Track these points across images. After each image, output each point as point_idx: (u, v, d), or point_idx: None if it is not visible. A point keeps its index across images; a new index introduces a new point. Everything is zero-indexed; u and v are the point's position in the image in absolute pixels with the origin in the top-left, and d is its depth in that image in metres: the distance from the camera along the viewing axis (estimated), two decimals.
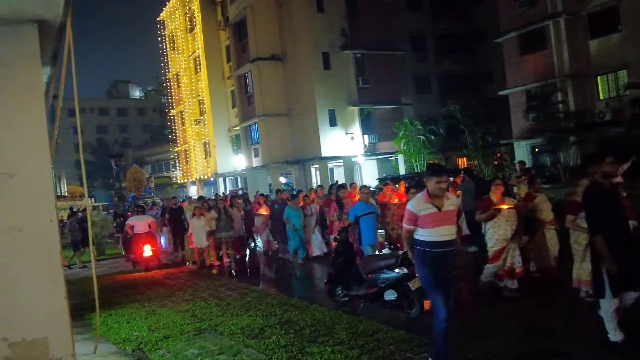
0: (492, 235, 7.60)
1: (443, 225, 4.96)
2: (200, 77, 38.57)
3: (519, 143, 26.90)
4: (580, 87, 24.30)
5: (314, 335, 6.26)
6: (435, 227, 4.94)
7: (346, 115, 30.13)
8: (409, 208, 5.10)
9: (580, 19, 24.29)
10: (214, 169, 38.02)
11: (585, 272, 6.50)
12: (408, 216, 5.08)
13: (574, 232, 6.79)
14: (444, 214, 4.97)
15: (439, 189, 4.98)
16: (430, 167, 5.58)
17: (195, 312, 8.20)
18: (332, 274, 8.13)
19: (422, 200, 5.03)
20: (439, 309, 4.91)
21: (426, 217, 4.95)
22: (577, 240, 6.77)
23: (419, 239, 5.06)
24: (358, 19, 30.47)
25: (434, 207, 4.95)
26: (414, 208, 5.03)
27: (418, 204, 5.02)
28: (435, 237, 4.96)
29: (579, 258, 6.76)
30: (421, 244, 5.05)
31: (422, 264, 5.07)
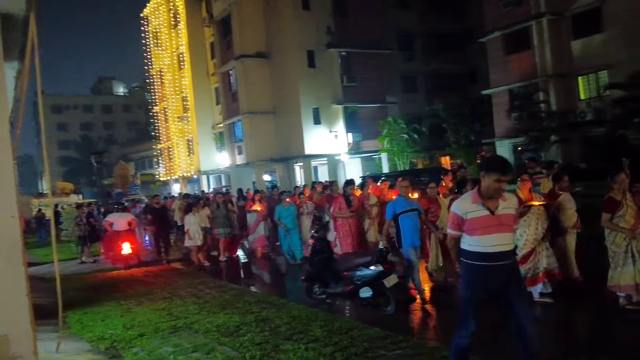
0: (521, 235, 6.85)
1: (496, 232, 4.04)
2: (184, 73, 38.31)
3: (501, 142, 27.12)
4: (562, 87, 24.55)
5: (289, 333, 6.23)
6: (485, 234, 4.05)
7: (331, 114, 30.13)
8: (452, 209, 4.26)
9: (563, 20, 24.54)
10: (197, 166, 37.81)
11: (628, 276, 6.11)
12: (452, 219, 4.25)
13: (611, 233, 6.29)
14: (497, 219, 4.06)
15: (496, 189, 4.02)
16: (491, 161, 4.36)
17: (172, 310, 8.12)
18: (310, 272, 8.11)
19: (470, 201, 4.15)
20: (465, 321, 4.21)
21: (474, 222, 4.08)
22: (615, 242, 6.25)
23: (464, 249, 4.20)
24: (344, 17, 30.46)
25: (485, 209, 4.06)
26: (459, 209, 4.17)
27: (464, 205, 4.16)
28: (484, 247, 4.06)
29: (620, 261, 6.21)
30: (466, 255, 4.19)
31: (467, 280, 4.22)
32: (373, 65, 31.36)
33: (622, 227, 6.00)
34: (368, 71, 31.00)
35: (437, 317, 6.81)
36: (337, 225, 10.08)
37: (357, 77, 30.66)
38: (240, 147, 32.40)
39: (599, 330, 6.07)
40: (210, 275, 11.81)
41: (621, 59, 21.84)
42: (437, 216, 7.91)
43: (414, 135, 29.25)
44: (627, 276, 6.11)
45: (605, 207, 6.22)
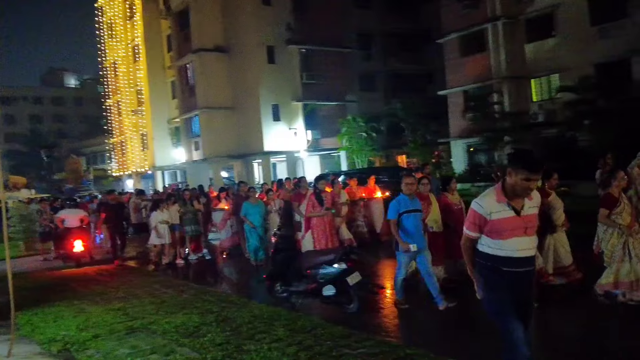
0: None
1: (522, 235, 3.66)
2: (139, 66, 37.40)
3: (456, 142, 27.71)
4: (515, 89, 25.28)
5: (252, 333, 6.14)
6: (510, 237, 3.64)
7: (290, 111, 30.04)
8: (474, 208, 3.75)
9: (518, 23, 25.26)
10: (152, 162, 36.98)
11: (625, 272, 6.09)
12: (472, 219, 3.76)
13: (607, 231, 6.27)
14: (523, 220, 3.67)
15: (524, 189, 3.61)
16: (519, 157, 3.75)
17: (128, 310, 7.87)
18: (272, 270, 8.02)
19: (494, 199, 3.69)
20: (516, 344, 3.58)
21: (499, 223, 3.65)
22: (611, 241, 6.22)
23: (484, 252, 3.76)
24: (305, 13, 30.41)
25: (510, 210, 3.64)
26: (481, 208, 3.69)
27: (489, 204, 3.68)
28: (509, 251, 3.65)
29: (618, 257, 6.16)
30: (487, 258, 3.75)
31: (488, 286, 3.77)
32: (333, 64, 31.45)
33: (620, 224, 6.04)
34: (328, 69, 31.07)
35: (401, 314, 6.84)
36: (311, 225, 9.51)
37: (317, 74, 30.69)
38: (197, 142, 31.87)
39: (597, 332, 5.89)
40: (168, 275, 11.54)
41: (571, 62, 22.68)
42: (428, 213, 7.55)
43: (373, 134, 29.53)
44: (624, 273, 6.11)
45: (604, 203, 6.22)
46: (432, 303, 6.73)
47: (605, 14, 21.98)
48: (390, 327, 6.35)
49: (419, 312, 6.96)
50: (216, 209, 13.61)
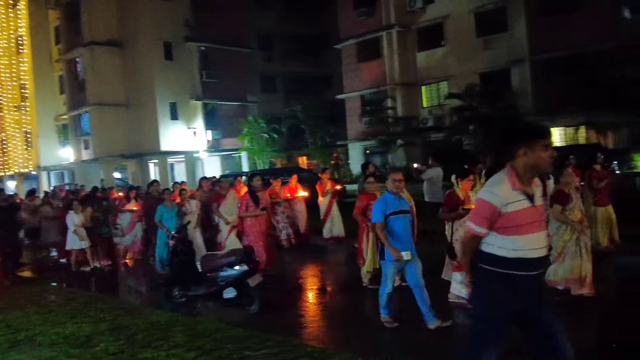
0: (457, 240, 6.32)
1: (538, 230, 3.08)
2: (23, 58, 34.67)
3: (353, 144, 28.63)
4: (407, 95, 26.64)
5: (148, 340, 5.95)
6: (527, 233, 3.03)
7: (189, 109, 29.30)
8: (487, 198, 3.06)
9: (410, 32, 26.59)
10: (37, 161, 34.38)
11: (575, 269, 6.19)
12: (483, 212, 3.08)
13: (560, 227, 6.30)
14: (538, 211, 3.12)
15: (548, 161, 3.05)
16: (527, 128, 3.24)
17: (10, 322, 7.29)
18: (170, 275, 7.83)
19: (509, 186, 3.05)
20: (484, 350, 3.13)
21: (515, 216, 3.02)
22: (563, 237, 6.24)
23: (493, 254, 3.10)
24: (204, 11, 29.77)
25: (526, 199, 3.05)
26: (497, 198, 3.03)
27: (504, 192, 3.04)
28: (525, 250, 3.03)
29: (571, 254, 6.20)
30: (495, 262, 3.08)
31: (492, 294, 3.10)
32: (233, 63, 31.12)
33: (573, 220, 6.25)
34: (228, 68, 30.68)
35: (300, 313, 6.99)
36: (245, 226, 8.84)
37: (217, 73, 30.21)
38: (87, 141, 30.09)
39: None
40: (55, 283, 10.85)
41: (458, 71, 24.39)
42: None
43: (274, 135, 29.67)
44: (575, 269, 6.20)
45: (557, 199, 6.27)
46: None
47: (489, 27, 23.89)
48: (291, 327, 6.46)
49: (318, 310, 7.16)
50: (124, 210, 12.50)
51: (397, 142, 25.35)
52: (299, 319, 6.69)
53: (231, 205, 9.67)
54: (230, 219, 9.56)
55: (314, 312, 7.03)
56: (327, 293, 8.03)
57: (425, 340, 5.56)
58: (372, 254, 7.36)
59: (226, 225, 9.62)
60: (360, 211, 7.48)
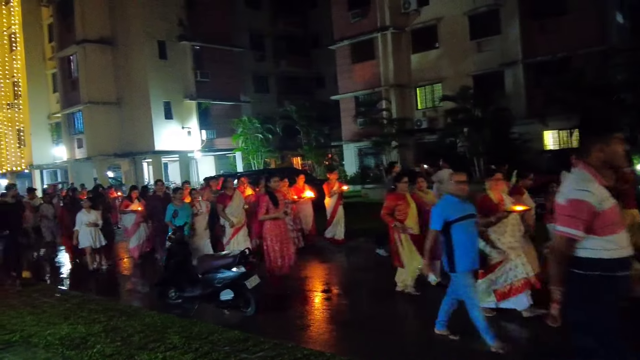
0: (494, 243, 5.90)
1: (624, 228, 3.00)
2: (16, 56, 34.40)
3: (347, 145, 28.66)
4: (402, 96, 26.68)
5: (144, 342, 5.95)
6: (620, 230, 2.94)
7: (183, 109, 29.22)
8: (582, 197, 2.90)
9: (404, 34, 26.65)
10: (29, 160, 34.12)
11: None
12: (580, 213, 2.90)
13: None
14: (618, 207, 3.02)
15: (623, 152, 2.98)
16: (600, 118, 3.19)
17: (4, 322, 7.26)
18: (165, 276, 7.82)
19: (597, 183, 2.94)
20: None
21: (610, 213, 2.91)
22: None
23: (591, 257, 2.93)
24: (196, 10, 29.74)
25: (611, 195, 2.96)
26: (593, 196, 2.89)
27: (598, 189, 2.92)
28: (621, 249, 2.93)
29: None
30: (593, 265, 2.92)
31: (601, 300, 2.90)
32: (226, 63, 31.09)
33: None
34: (221, 68, 30.64)
35: (298, 315, 6.98)
36: (265, 229, 8.17)
37: (211, 72, 30.12)
38: (80, 139, 29.91)
39: None
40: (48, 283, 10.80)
41: (452, 73, 24.48)
42: (406, 215, 7.06)
43: (268, 135, 29.65)
44: None
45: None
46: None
47: (482, 30, 24.01)
48: (289, 329, 6.46)
49: (318, 313, 7.15)
50: (126, 211, 12.22)
51: (391, 143, 25.39)
52: (296, 322, 6.67)
53: (237, 206, 9.57)
54: (235, 220, 9.47)
55: (312, 315, 7.00)
56: (328, 296, 7.93)
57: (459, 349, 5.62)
58: (410, 259, 7.09)
59: (230, 227, 9.50)
60: (388, 212, 7.17)
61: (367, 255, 10.81)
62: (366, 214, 14.11)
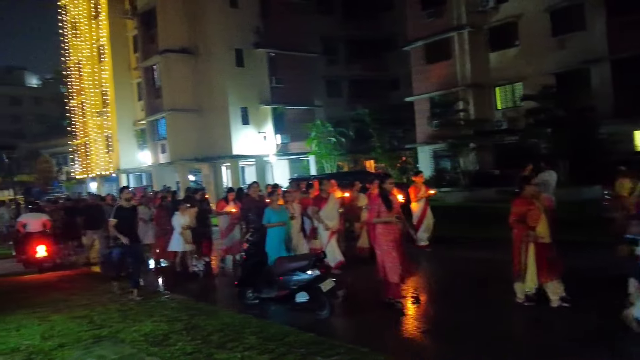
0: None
1: None
2: (104, 66, 36.61)
3: (422, 148, 28.13)
4: (480, 96, 25.84)
5: (223, 341, 6.09)
6: None
7: (259, 114, 29.94)
8: None
9: (482, 32, 25.84)
10: (117, 164, 36.22)
11: None
12: None
13: None
14: None
15: None
16: None
17: (94, 318, 7.70)
18: (243, 277, 7.97)
19: None
20: None
21: None
22: None
23: None
24: (272, 18, 30.45)
25: None
26: None
27: None
28: None
29: None
30: None
31: None
32: (300, 68, 31.55)
33: None
34: (295, 73, 31.13)
35: (371, 321, 6.89)
36: (376, 235, 7.39)
37: (285, 78, 30.69)
38: (163, 145, 31.38)
39: None
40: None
41: (533, 71, 23.39)
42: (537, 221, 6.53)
43: (341, 139, 29.73)
44: None
45: None
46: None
47: (565, 26, 22.79)
48: (362, 334, 6.38)
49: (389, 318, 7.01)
50: (221, 213, 12.04)
51: (468, 145, 24.65)
52: (372, 328, 6.58)
53: (332, 209, 9.40)
54: (331, 224, 9.27)
55: (389, 322, 6.82)
56: (408, 303, 7.51)
57: None
58: (533, 270, 6.54)
59: (325, 230, 9.31)
60: (517, 218, 6.58)
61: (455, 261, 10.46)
62: (449, 219, 13.77)
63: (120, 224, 9.04)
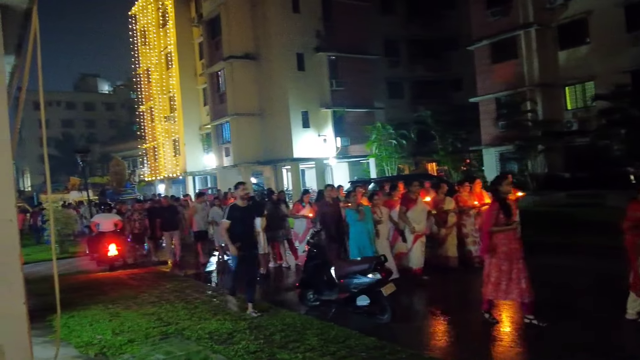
0: None
1: None
2: (172, 73, 38.00)
3: (487, 150, 27.32)
4: (549, 96, 24.81)
5: (285, 341, 6.12)
6: None
7: (319, 117, 30.12)
8: None
9: (550, 30, 24.83)
10: (183, 167, 37.48)
11: None
12: None
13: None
14: None
15: None
16: None
17: (161, 315, 7.95)
18: (304, 278, 8.00)
19: None
20: None
21: None
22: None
23: None
24: (333, 21, 30.58)
25: None
26: None
27: None
28: None
29: None
30: None
31: None
32: (360, 70, 31.49)
33: None
34: (356, 76, 31.11)
35: (434, 326, 6.75)
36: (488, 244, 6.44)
37: (345, 81, 30.72)
38: (227, 148, 32.19)
39: None
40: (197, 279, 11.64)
41: (606, 70, 22.19)
42: None
43: (402, 141, 29.37)
44: None
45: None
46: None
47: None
48: (423, 340, 6.25)
49: (451, 324, 6.83)
50: (297, 216, 11.67)
51: (537, 147, 23.72)
52: (431, 332, 6.45)
53: (421, 211, 9.00)
54: (418, 227, 8.91)
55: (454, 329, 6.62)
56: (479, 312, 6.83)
57: None
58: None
59: (411, 233, 8.99)
60: (634, 223, 5.87)
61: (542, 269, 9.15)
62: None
63: (234, 227, 7.72)
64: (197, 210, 13.85)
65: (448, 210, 9.81)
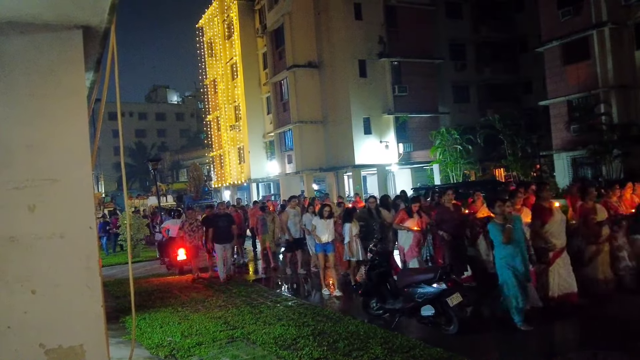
0: None
1: None
2: (237, 83, 39.00)
3: (559, 154, 26.16)
4: (624, 98, 23.48)
5: (348, 349, 6.11)
6: None
7: (381, 124, 29.97)
8: None
9: (625, 29, 23.53)
10: (248, 174, 38.32)
11: None
12: None
13: None
14: None
15: None
16: None
17: (228, 319, 8.15)
18: (367, 286, 7.96)
19: None
20: None
21: None
22: None
23: None
24: (396, 26, 30.38)
25: None
26: None
27: None
28: None
29: None
30: None
31: None
32: (424, 75, 31.08)
33: None
34: (419, 80, 30.72)
35: (502, 338, 6.52)
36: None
37: (408, 86, 30.39)
38: (290, 155, 32.63)
39: None
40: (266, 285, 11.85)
41: None
42: None
43: (468, 146, 28.63)
44: None
45: None
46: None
47: None
48: (491, 351, 6.06)
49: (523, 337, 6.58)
50: (402, 227, 9.52)
51: (612, 151, 22.49)
52: (499, 345, 6.23)
53: (560, 223, 7.19)
54: (559, 243, 7.12)
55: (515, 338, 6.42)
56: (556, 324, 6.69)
57: None
58: None
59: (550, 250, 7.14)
60: None
61: None
62: None
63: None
64: (290, 216, 12.59)
65: (601, 221, 7.97)
